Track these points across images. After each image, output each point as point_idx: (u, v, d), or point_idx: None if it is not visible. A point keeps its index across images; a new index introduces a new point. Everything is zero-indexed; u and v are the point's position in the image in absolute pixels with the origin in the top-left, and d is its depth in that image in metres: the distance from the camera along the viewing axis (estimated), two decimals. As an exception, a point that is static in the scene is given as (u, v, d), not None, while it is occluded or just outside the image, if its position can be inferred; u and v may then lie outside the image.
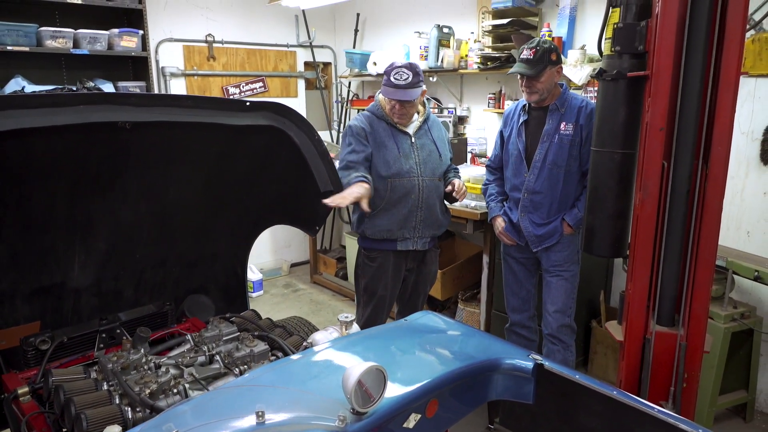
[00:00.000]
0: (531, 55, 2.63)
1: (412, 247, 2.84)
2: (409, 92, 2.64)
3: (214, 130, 2.04)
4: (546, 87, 2.68)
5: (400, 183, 2.74)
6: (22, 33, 3.58)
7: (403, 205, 2.75)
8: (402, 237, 2.81)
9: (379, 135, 2.76)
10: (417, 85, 2.64)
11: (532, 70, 2.62)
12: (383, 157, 2.73)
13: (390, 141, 2.75)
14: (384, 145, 2.75)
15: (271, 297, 5.08)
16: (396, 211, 2.76)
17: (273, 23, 5.23)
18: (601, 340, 3.50)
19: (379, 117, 2.79)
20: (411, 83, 2.62)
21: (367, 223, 2.80)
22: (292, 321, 2.47)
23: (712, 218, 1.96)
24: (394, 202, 2.75)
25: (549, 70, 2.64)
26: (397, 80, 2.63)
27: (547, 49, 2.63)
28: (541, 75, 2.63)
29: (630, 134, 2.13)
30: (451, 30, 4.28)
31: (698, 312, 2.04)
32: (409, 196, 2.75)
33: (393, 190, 2.74)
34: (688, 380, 2.10)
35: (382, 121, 2.78)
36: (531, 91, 2.70)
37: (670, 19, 1.85)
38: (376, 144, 2.76)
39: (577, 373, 1.56)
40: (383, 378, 1.24)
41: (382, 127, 2.77)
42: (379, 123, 2.78)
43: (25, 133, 1.59)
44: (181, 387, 1.65)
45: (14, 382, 1.87)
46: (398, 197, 2.75)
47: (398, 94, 2.64)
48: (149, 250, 2.32)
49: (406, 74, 2.62)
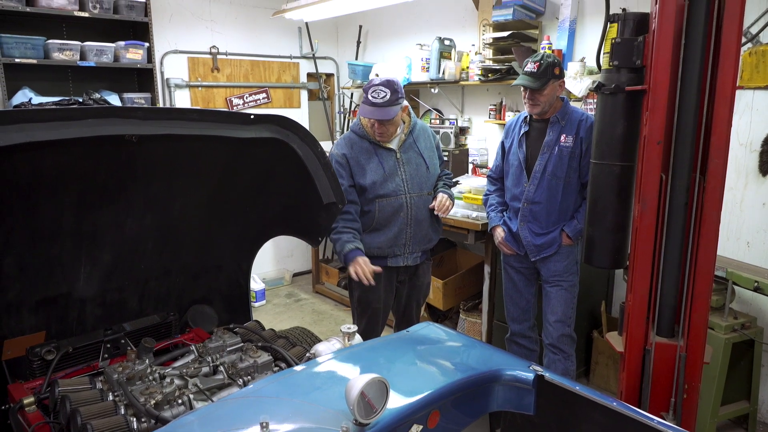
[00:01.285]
0: (535, 69, 2.66)
1: (402, 263, 2.84)
2: (386, 110, 2.57)
3: (219, 143, 2.07)
4: (548, 100, 2.72)
5: (388, 203, 2.72)
6: (30, 45, 3.64)
7: (393, 224, 2.75)
8: (393, 254, 2.81)
9: (362, 156, 2.72)
10: (395, 102, 2.57)
11: (535, 83, 2.66)
12: (368, 179, 2.70)
13: (373, 160, 2.71)
14: (368, 167, 2.70)
15: (274, 307, 5.09)
16: (386, 230, 2.75)
17: (277, 35, 5.28)
18: (602, 351, 3.50)
19: (361, 136, 2.74)
20: (389, 101, 2.55)
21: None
22: (294, 332, 2.49)
23: (710, 229, 1.98)
24: (383, 222, 2.75)
25: (552, 83, 2.68)
26: (375, 98, 2.55)
27: (551, 63, 2.66)
28: (544, 88, 2.67)
29: (628, 147, 2.16)
30: (453, 42, 4.32)
31: (698, 323, 2.05)
32: (398, 214, 2.74)
33: (381, 210, 2.73)
34: (688, 391, 2.11)
35: (365, 139, 2.73)
36: (533, 103, 2.74)
37: (666, 34, 1.88)
38: (359, 166, 2.71)
39: (577, 384, 1.57)
40: (386, 389, 1.26)
41: (364, 146, 2.73)
42: (361, 142, 2.73)
43: (35, 146, 1.62)
44: (185, 397, 1.66)
45: (20, 392, 1.89)
46: (386, 217, 2.74)
47: (375, 113, 2.57)
48: (153, 261, 2.35)
49: (383, 92, 2.54)
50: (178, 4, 4.68)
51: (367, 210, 2.75)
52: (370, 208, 2.74)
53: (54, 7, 3.66)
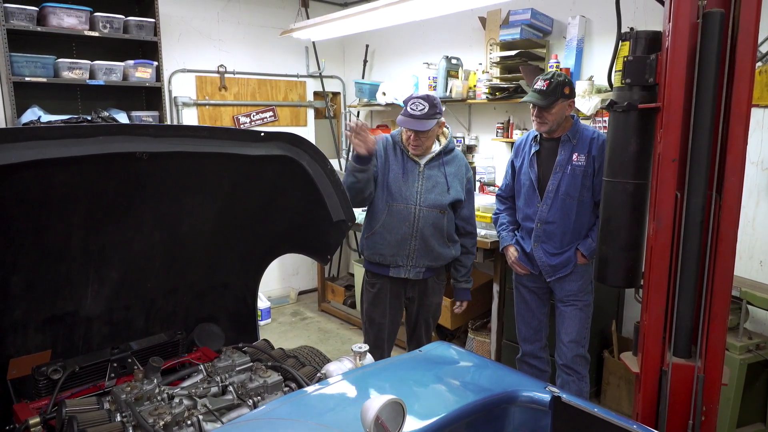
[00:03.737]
0: (545, 87, 2.66)
1: (404, 275, 2.84)
2: (423, 123, 2.66)
3: (228, 160, 2.06)
4: (556, 119, 2.71)
5: (397, 209, 2.78)
6: (40, 64, 3.66)
7: (397, 230, 2.79)
8: (395, 264, 2.83)
9: (389, 158, 2.83)
10: (432, 116, 2.67)
11: (543, 101, 2.65)
12: (387, 180, 2.79)
13: (398, 166, 2.80)
14: (390, 169, 2.81)
15: (279, 325, 5.05)
16: (390, 235, 2.80)
17: (284, 54, 5.32)
18: (613, 371, 3.45)
19: (396, 142, 2.85)
20: (426, 114, 2.65)
21: (366, 242, 2.86)
22: (303, 351, 2.45)
23: (726, 248, 1.95)
24: (389, 226, 2.80)
25: (561, 102, 2.67)
26: (413, 110, 2.66)
27: (561, 82, 2.66)
28: (553, 107, 2.66)
29: (642, 165, 2.15)
30: (460, 61, 4.34)
31: (715, 343, 2.01)
32: (404, 223, 2.78)
33: (390, 213, 2.79)
34: (706, 413, 2.06)
35: (398, 147, 2.84)
36: (541, 121, 2.73)
37: (680, 52, 1.87)
38: (384, 165, 2.82)
39: (595, 406, 1.53)
40: (402, 411, 1.23)
41: (397, 152, 2.84)
42: (394, 148, 2.84)
43: (45, 163, 1.61)
44: (195, 418, 1.63)
45: (25, 413, 1.85)
46: (394, 222, 2.79)
47: (411, 123, 2.68)
48: (161, 280, 2.32)
49: (422, 105, 2.65)
50: (187, 23, 4.72)
51: (378, 208, 2.81)
52: (381, 209, 2.80)
53: (64, 27, 3.69)
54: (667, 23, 1.93)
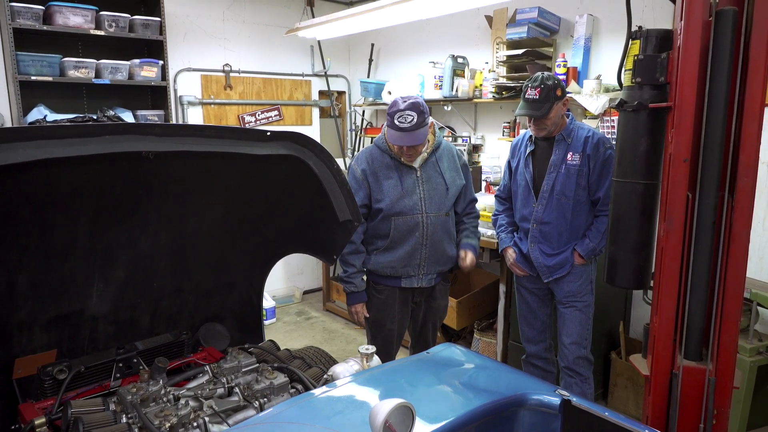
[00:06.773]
0: (536, 95, 2.59)
1: (417, 285, 2.77)
2: (415, 135, 2.50)
3: (235, 160, 2.04)
4: (554, 122, 2.68)
5: (404, 221, 2.66)
6: (45, 63, 3.66)
7: (407, 243, 2.68)
8: (406, 274, 2.74)
9: (381, 171, 2.66)
10: (423, 124, 2.50)
11: (539, 110, 2.60)
12: (386, 195, 2.64)
13: (393, 177, 2.65)
14: (386, 183, 2.65)
15: (284, 325, 5.04)
16: (400, 249, 2.69)
17: (289, 53, 5.31)
18: (620, 372, 3.42)
19: (383, 150, 2.68)
20: (416, 124, 2.47)
21: (370, 260, 2.76)
22: (309, 351, 2.44)
23: (739, 249, 1.92)
24: (397, 241, 2.69)
25: (556, 106, 2.62)
26: (402, 123, 2.47)
27: (551, 86, 2.60)
28: (549, 113, 2.62)
29: (652, 165, 2.11)
30: (466, 60, 4.32)
31: (727, 345, 1.99)
32: (413, 233, 2.67)
33: (396, 228, 2.67)
34: (717, 417, 2.03)
35: (386, 154, 2.67)
36: (540, 128, 2.70)
37: (692, 50, 1.84)
38: (377, 182, 2.66)
39: (605, 409, 1.51)
40: (411, 415, 1.21)
41: (385, 161, 2.66)
42: (382, 157, 2.67)
43: (51, 162, 1.60)
44: (201, 420, 1.62)
45: (31, 413, 1.84)
46: (401, 235, 2.68)
47: (405, 138, 2.50)
48: (166, 279, 2.31)
49: (410, 116, 2.46)
50: (192, 22, 4.72)
51: (382, 228, 2.69)
52: (386, 226, 2.68)
53: (70, 26, 3.69)
54: (678, 21, 1.90)
